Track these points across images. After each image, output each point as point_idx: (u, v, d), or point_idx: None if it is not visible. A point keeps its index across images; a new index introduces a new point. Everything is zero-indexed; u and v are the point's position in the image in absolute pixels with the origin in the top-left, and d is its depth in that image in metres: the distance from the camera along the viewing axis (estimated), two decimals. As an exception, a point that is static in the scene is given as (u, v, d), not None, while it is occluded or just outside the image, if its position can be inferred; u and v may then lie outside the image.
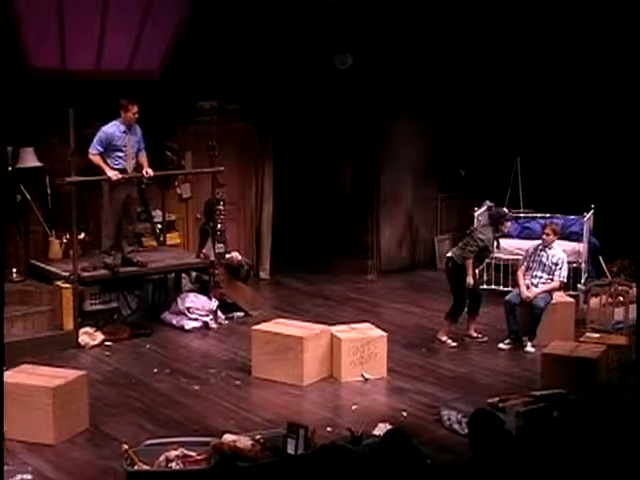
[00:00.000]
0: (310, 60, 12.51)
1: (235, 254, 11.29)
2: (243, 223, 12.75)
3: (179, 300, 10.46)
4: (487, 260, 10.16)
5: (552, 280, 9.73)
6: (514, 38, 12.55)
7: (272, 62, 12.24)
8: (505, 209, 10.06)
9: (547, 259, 9.79)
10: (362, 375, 8.63)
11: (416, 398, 8.17)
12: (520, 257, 10.45)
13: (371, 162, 13.01)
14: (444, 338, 9.78)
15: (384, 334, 8.88)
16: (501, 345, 9.65)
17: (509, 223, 10.06)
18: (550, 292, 9.75)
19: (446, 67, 12.91)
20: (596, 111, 12.35)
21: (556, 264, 9.75)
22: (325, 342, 8.68)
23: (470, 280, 9.65)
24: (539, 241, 10.00)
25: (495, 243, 9.94)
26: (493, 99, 13.16)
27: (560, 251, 9.92)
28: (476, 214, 11.75)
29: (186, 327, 10.26)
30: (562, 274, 9.78)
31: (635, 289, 10.03)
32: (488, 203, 12.43)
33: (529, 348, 9.51)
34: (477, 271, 10.00)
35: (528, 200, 12.93)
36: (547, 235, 9.83)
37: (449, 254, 10.00)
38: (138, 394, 8.23)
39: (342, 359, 8.57)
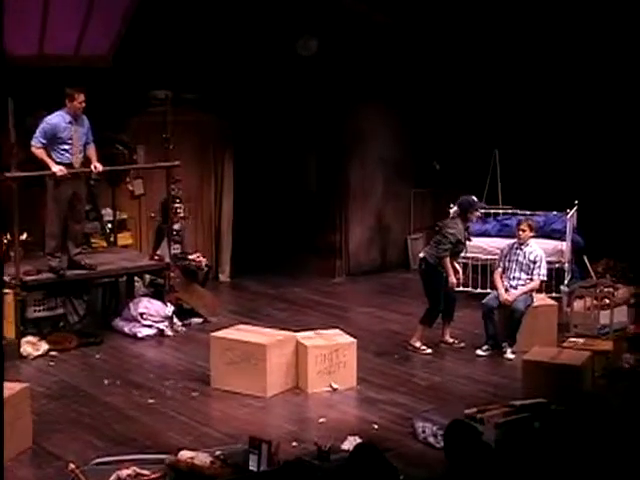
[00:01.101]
0: (272, 46, 12.48)
1: (197, 256, 11.26)
2: (201, 222, 12.72)
3: (131, 305, 10.41)
4: (462, 254, 10.18)
5: (531, 280, 9.79)
6: (491, 22, 12.62)
7: (231, 48, 12.20)
8: (474, 197, 10.06)
9: (524, 257, 9.85)
10: (330, 385, 8.62)
11: (388, 409, 8.17)
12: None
13: (338, 155, 13.02)
14: (418, 344, 9.81)
15: (353, 341, 8.88)
16: (479, 352, 9.70)
17: (478, 212, 10.12)
18: (531, 293, 9.81)
19: (419, 53, 12.96)
20: (579, 100, 12.45)
21: (534, 262, 9.81)
22: (290, 350, 8.66)
23: (453, 279, 9.71)
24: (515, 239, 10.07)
25: (466, 235, 9.98)
26: (469, 87, 13.23)
27: (537, 248, 9.99)
28: (452, 211, 11.77)
29: (139, 335, 10.21)
30: (541, 272, 9.84)
31: (621, 290, 10.13)
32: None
33: (509, 354, 9.56)
34: (459, 267, 10.06)
35: (507, 196, 13.00)
36: (523, 232, 9.89)
37: (422, 255, 10.04)
38: (86, 408, 8.15)
39: (308, 368, 8.56)
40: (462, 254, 10.23)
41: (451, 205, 11.88)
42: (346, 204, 13.12)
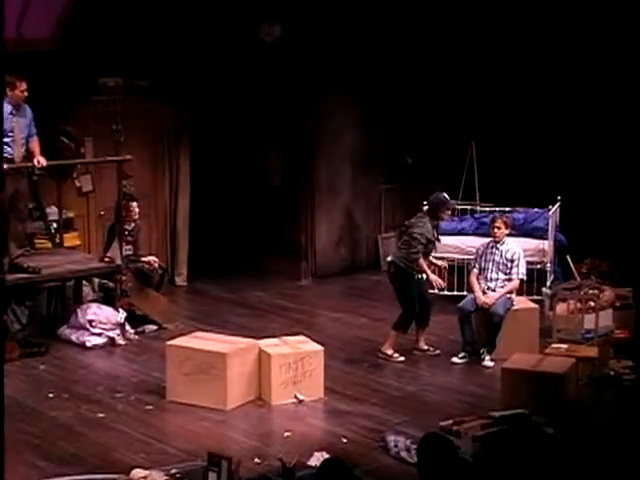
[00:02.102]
0: (232, 30, 12.44)
1: (152, 258, 11.22)
2: (155, 221, 12.66)
3: (79, 312, 10.34)
4: (432, 254, 10.23)
5: (510, 280, 9.83)
6: (465, 7, 12.67)
7: (187, 31, 12.14)
8: (445, 194, 10.08)
9: (501, 256, 9.90)
10: (295, 396, 8.62)
11: (358, 422, 8.18)
12: (477, 257, 10.55)
13: (304, 149, 13.00)
14: (390, 352, 9.82)
15: (321, 348, 8.89)
16: (455, 359, 9.73)
17: (449, 212, 10.15)
18: (510, 296, 9.85)
19: (390, 40, 12.96)
20: (561, 88, 12.53)
21: (512, 260, 9.86)
22: (252, 359, 8.66)
23: (434, 277, 9.76)
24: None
25: (435, 233, 10.01)
26: (443, 75, 13.26)
27: (514, 245, 10.05)
28: (425, 208, 11.79)
29: (88, 344, 10.14)
30: (520, 271, 9.90)
31: (607, 292, 10.19)
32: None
33: (487, 362, 9.60)
34: (437, 261, 10.07)
35: (485, 191, 13.04)
36: (498, 229, 9.94)
37: (390, 258, 10.07)
38: (30, 425, 8.08)
39: (272, 378, 8.55)
40: (432, 254, 10.25)
41: (424, 202, 11.91)
42: (312, 201, 13.11)
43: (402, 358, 9.78)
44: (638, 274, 10.31)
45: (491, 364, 9.55)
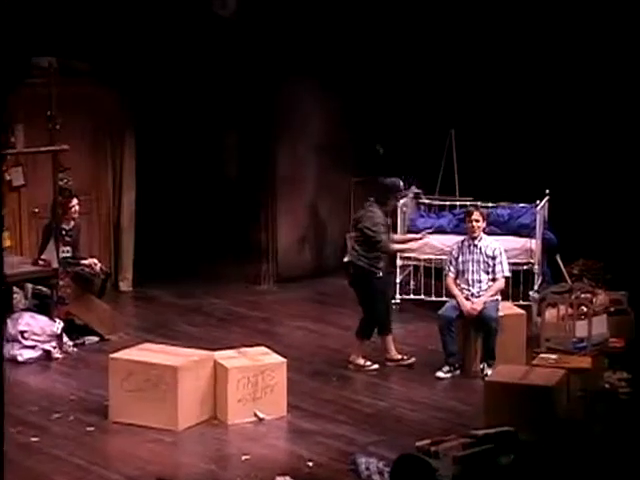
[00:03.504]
0: (182, 3, 12.40)
1: (93, 261, 11.16)
2: (97, 219, 12.62)
3: (9, 322, 10.26)
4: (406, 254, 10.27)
5: (495, 280, 9.84)
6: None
7: (132, 5, 12.07)
8: (397, 179, 10.07)
9: (481, 254, 9.89)
10: (255, 414, 8.61)
11: (325, 442, 8.18)
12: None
13: (264, 137, 12.99)
14: (362, 361, 9.83)
15: (283, 360, 8.88)
16: (440, 374, 9.71)
17: (399, 199, 10.11)
18: (497, 296, 9.87)
19: (361, 16, 12.96)
20: (549, 71, 12.58)
21: (493, 257, 9.87)
22: (206, 373, 8.64)
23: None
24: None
25: (389, 221, 9.99)
26: (419, 55, 13.27)
27: (491, 239, 10.07)
28: (399, 203, 11.81)
29: (20, 358, 10.07)
30: (504, 268, 9.91)
31: (601, 296, 10.25)
32: (414, 189, 12.55)
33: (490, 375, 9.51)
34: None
35: (465, 185, 13.09)
36: (476, 222, 9.90)
37: (347, 258, 10.08)
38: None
39: (229, 394, 8.53)
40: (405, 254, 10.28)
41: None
42: (274, 195, 13.11)
43: (376, 366, 9.80)
44: (634, 276, 10.37)
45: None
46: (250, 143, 13.04)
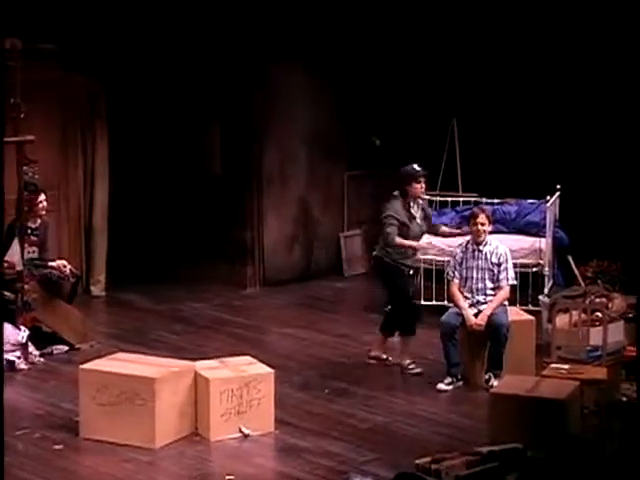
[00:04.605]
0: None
1: (62, 263, 11.14)
2: (66, 216, 12.61)
3: (-29, 330, 10.23)
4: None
5: (500, 288, 9.84)
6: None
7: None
8: (415, 165, 10.15)
9: (486, 260, 9.86)
10: (240, 430, 8.59)
11: (316, 461, 8.15)
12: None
13: (249, 129, 13.00)
14: (383, 355, 9.98)
15: (270, 371, 8.86)
16: (441, 386, 9.71)
17: (419, 185, 10.16)
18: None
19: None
20: (559, 55, 12.58)
21: (499, 264, 9.88)
22: (186, 385, 8.62)
23: (415, 244, 9.93)
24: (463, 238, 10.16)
25: (409, 215, 10.06)
26: (419, 38, 13.28)
27: (498, 243, 10.06)
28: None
29: (-18, 369, 10.04)
30: (509, 275, 9.91)
31: (617, 301, 10.24)
32: (414, 184, 12.54)
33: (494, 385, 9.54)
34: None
35: (469, 179, 13.09)
36: (482, 225, 9.90)
37: (375, 252, 10.25)
38: None
39: (211, 408, 8.51)
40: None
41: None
42: (260, 191, 13.12)
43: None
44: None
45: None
46: (233, 134, 13.05)
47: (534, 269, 11.57)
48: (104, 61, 12.43)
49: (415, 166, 10.18)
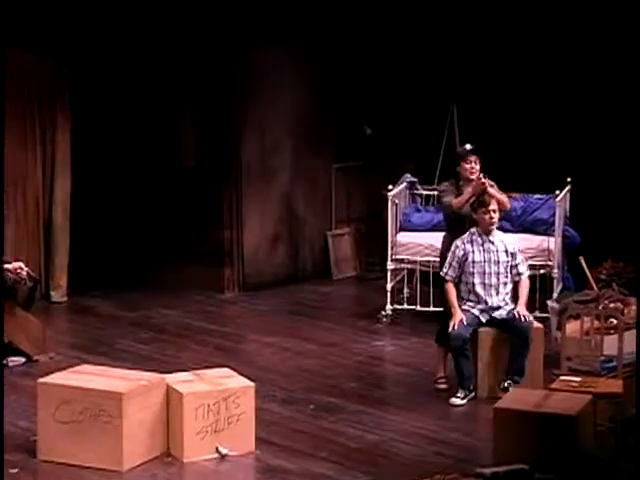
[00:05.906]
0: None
1: (18, 265, 11.12)
2: (23, 214, 12.62)
3: None
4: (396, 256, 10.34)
5: (519, 282, 9.87)
6: None
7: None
8: (468, 146, 10.14)
9: (497, 252, 9.84)
10: (217, 450, 8.58)
11: (301, 484, 8.16)
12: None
13: (227, 116, 13.01)
14: (441, 374, 9.97)
15: (251, 384, 8.84)
16: (456, 400, 9.72)
17: (469, 165, 10.10)
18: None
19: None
20: (567, 40, 12.60)
21: (513, 254, 9.90)
22: (157, 400, 8.60)
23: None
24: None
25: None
26: (414, 17, 13.29)
27: (501, 233, 10.05)
28: (390, 194, 11.80)
29: None
30: (524, 267, 9.97)
31: (634, 307, 10.25)
32: (409, 177, 12.52)
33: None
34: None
35: (470, 172, 13.08)
36: (494, 212, 9.84)
37: None
38: None
39: (185, 426, 8.50)
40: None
41: (389, 187, 11.90)
42: (239, 187, 13.13)
43: (445, 386, 9.92)
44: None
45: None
46: (209, 122, 13.05)
47: (542, 271, 11.59)
48: (67, 43, 12.42)
49: (467, 146, 10.22)
